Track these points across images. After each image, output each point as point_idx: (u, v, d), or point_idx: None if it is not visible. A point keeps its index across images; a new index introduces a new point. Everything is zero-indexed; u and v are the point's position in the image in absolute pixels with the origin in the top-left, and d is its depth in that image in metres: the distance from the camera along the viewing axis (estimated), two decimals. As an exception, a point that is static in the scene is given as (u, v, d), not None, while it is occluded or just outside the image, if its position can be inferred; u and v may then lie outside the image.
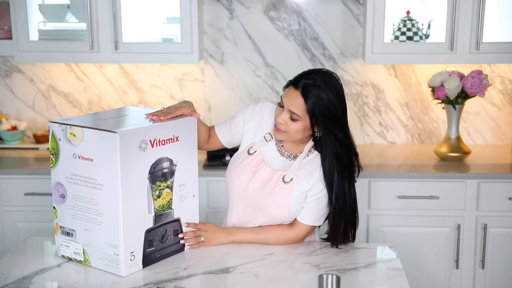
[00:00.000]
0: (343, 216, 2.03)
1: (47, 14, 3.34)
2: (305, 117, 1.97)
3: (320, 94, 1.94)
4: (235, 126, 2.19)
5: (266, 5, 3.50)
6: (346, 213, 2.03)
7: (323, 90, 1.95)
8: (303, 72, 2.03)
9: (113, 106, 3.59)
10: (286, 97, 2.00)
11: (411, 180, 3.09)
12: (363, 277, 1.91)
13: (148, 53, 3.26)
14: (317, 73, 1.99)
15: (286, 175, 2.04)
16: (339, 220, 2.03)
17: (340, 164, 2.00)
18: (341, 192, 2.01)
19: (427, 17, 3.32)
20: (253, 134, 2.15)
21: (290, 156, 2.09)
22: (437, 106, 3.52)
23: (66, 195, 1.91)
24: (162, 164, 1.91)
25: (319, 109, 1.95)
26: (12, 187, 3.14)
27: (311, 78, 1.97)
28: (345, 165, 2.02)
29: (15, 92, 3.62)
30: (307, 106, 1.95)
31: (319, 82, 1.95)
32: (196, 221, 2.07)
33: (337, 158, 2.00)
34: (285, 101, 2.00)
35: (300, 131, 2.00)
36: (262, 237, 2.09)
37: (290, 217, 2.07)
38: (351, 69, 3.55)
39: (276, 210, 2.05)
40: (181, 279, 1.85)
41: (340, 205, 2.02)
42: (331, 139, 1.99)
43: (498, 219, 3.09)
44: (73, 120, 1.90)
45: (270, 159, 2.10)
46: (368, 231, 3.13)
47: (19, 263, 1.96)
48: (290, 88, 2.00)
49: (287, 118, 1.99)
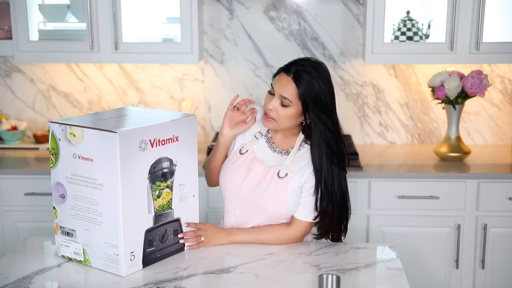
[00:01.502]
0: (331, 202, 2.03)
1: (47, 14, 3.34)
2: (296, 103, 2.00)
3: (312, 80, 1.99)
4: None
5: (266, 5, 3.50)
6: (334, 199, 2.03)
7: (314, 77, 1.99)
8: (293, 60, 2.07)
9: (113, 106, 3.59)
10: (277, 83, 2.03)
11: (411, 180, 3.09)
12: (363, 277, 1.91)
13: (148, 53, 3.26)
14: (307, 60, 2.04)
15: (281, 171, 2.06)
16: (327, 206, 2.03)
17: (330, 150, 2.02)
18: (330, 179, 2.02)
19: (427, 17, 3.32)
20: (243, 136, 2.18)
21: (282, 151, 2.11)
22: (437, 106, 3.52)
23: (66, 195, 1.91)
24: (162, 164, 1.91)
25: (310, 95, 1.99)
26: (12, 187, 3.14)
27: (302, 65, 2.02)
28: (335, 152, 2.03)
29: (15, 92, 3.63)
30: (298, 91, 1.99)
31: (309, 69, 2.00)
32: (196, 221, 2.07)
33: (326, 144, 2.02)
34: (276, 87, 2.03)
35: (290, 117, 2.02)
36: (261, 237, 2.09)
37: (287, 213, 2.07)
38: (351, 69, 3.55)
39: (273, 207, 2.06)
40: (181, 279, 1.85)
41: (328, 190, 2.02)
42: (320, 126, 2.01)
43: (498, 219, 3.09)
44: (73, 120, 1.90)
45: (262, 157, 2.12)
46: (368, 231, 3.13)
47: (19, 263, 1.97)
48: (282, 74, 2.04)
49: (278, 104, 2.02)
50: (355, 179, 3.05)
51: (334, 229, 2.10)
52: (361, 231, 3.12)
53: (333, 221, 2.07)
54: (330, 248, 2.10)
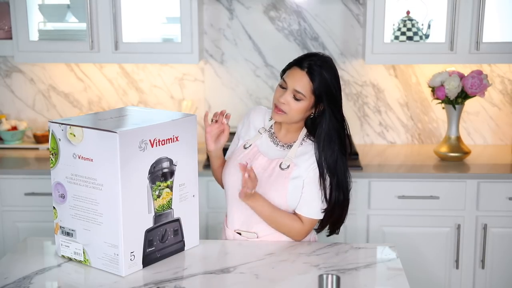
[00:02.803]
0: (341, 192, 2.08)
1: (47, 14, 3.34)
2: (309, 97, 2.04)
3: (324, 74, 2.04)
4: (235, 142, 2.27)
5: (266, 5, 3.50)
6: (344, 189, 2.08)
7: (326, 71, 2.04)
8: (303, 55, 2.11)
9: (113, 106, 3.59)
10: (291, 77, 2.06)
11: (411, 180, 3.09)
12: (363, 277, 1.91)
13: (148, 53, 3.26)
14: (317, 55, 2.09)
15: (283, 162, 2.09)
16: (339, 196, 2.08)
17: (340, 142, 2.07)
18: (341, 170, 2.07)
19: (427, 17, 3.32)
20: (247, 133, 2.23)
21: (284, 145, 2.15)
22: (437, 106, 3.52)
23: (66, 195, 1.91)
24: (162, 164, 1.91)
25: (323, 89, 2.04)
26: (12, 187, 3.14)
27: (313, 60, 2.06)
28: (343, 144, 2.09)
29: (15, 92, 3.62)
30: (313, 85, 2.03)
31: (321, 63, 2.05)
32: (196, 221, 2.08)
33: (338, 135, 2.06)
34: (289, 81, 2.06)
35: (301, 111, 2.06)
36: (277, 215, 2.08)
37: (287, 205, 2.09)
38: (351, 69, 3.55)
39: (274, 197, 2.08)
40: (181, 279, 1.85)
41: (340, 180, 2.07)
42: (333, 119, 2.05)
43: (498, 219, 3.09)
44: (73, 120, 1.90)
45: (265, 150, 2.16)
46: (368, 231, 3.13)
47: (19, 263, 1.97)
48: (295, 68, 2.07)
49: (290, 98, 2.05)
50: (355, 179, 3.05)
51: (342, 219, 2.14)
52: (361, 231, 3.13)
53: (343, 211, 2.11)
54: (330, 248, 2.10)
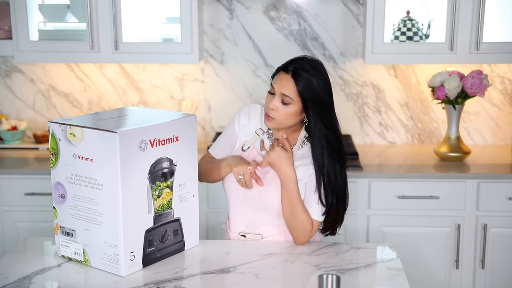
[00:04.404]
0: (335, 196, 2.06)
1: (47, 14, 3.34)
2: (296, 100, 2.02)
3: (309, 77, 2.01)
4: (229, 142, 2.23)
5: (266, 5, 3.50)
6: (338, 193, 2.06)
7: (312, 75, 2.02)
8: (290, 59, 2.09)
9: (113, 106, 3.59)
10: (277, 82, 2.05)
11: (411, 180, 3.09)
12: (363, 277, 1.91)
13: (148, 53, 3.26)
14: (304, 59, 2.06)
15: None
16: (332, 200, 2.06)
17: (330, 147, 2.04)
18: (332, 173, 2.05)
19: (427, 17, 3.32)
20: (244, 134, 2.20)
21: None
22: (437, 106, 3.52)
23: (66, 195, 1.91)
24: (162, 164, 1.91)
25: (308, 92, 2.01)
26: (12, 187, 3.14)
27: (300, 63, 2.04)
28: (335, 149, 2.06)
29: (15, 92, 3.63)
30: (298, 88, 2.01)
31: (307, 67, 2.03)
32: (196, 221, 2.07)
33: (327, 141, 2.04)
34: (276, 86, 2.05)
35: (291, 115, 2.04)
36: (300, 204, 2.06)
37: None
38: (351, 69, 3.55)
39: (275, 199, 2.08)
40: (181, 279, 1.85)
41: (332, 184, 2.05)
42: (320, 124, 2.03)
43: (498, 219, 3.09)
44: (73, 120, 1.90)
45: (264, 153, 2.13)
46: (368, 231, 3.13)
47: (19, 263, 1.96)
48: (280, 73, 2.06)
49: (279, 103, 2.04)
50: (355, 179, 3.06)
51: (338, 222, 2.12)
52: (361, 231, 3.12)
53: (339, 214, 2.09)
54: (330, 248, 2.10)
